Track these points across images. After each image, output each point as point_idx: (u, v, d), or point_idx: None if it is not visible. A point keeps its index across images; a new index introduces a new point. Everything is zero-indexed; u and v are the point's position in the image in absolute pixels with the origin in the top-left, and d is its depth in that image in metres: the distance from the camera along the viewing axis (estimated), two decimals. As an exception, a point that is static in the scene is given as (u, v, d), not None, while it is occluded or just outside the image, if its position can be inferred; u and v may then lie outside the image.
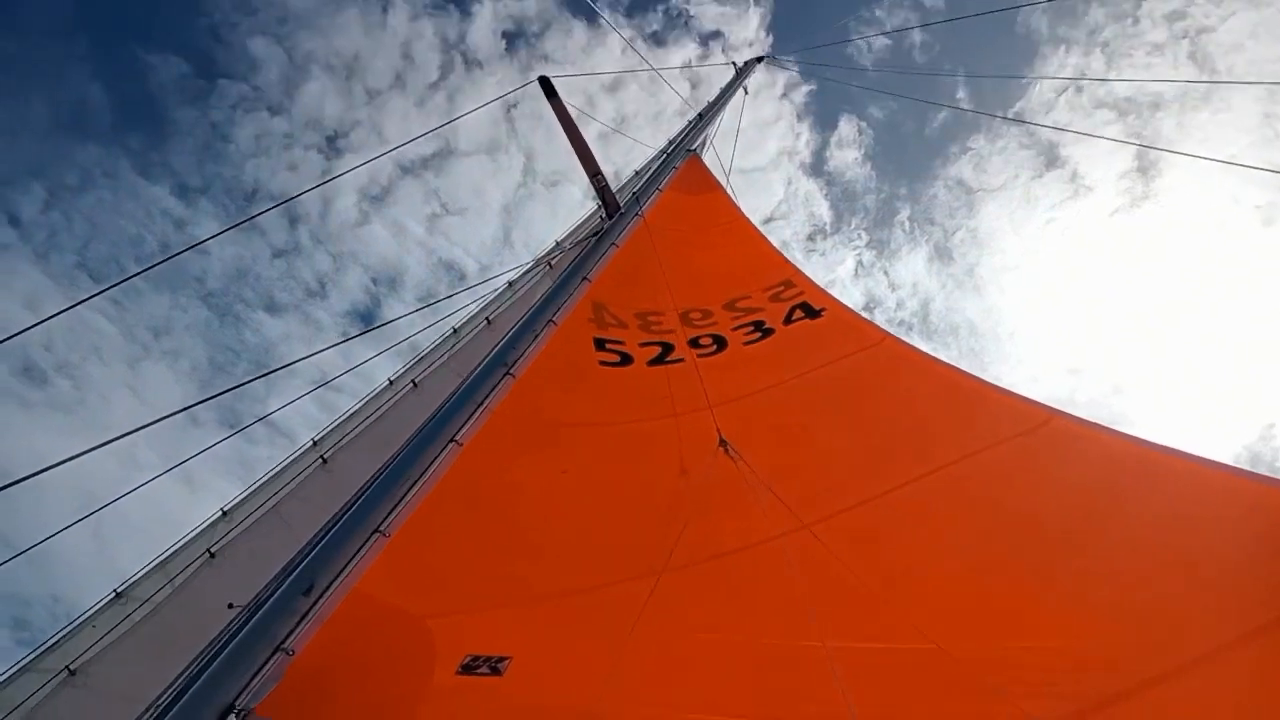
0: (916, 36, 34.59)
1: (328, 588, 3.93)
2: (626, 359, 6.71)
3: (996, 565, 4.21)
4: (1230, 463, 4.10)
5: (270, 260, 34.42)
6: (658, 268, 7.80)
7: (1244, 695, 2.97)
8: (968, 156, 38.56)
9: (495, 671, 3.71)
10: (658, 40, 38.90)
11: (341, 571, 4.03)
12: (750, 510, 4.59)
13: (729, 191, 10.06)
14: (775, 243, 8.34)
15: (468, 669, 3.74)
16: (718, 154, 13.68)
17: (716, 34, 39.70)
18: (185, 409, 4.77)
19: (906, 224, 40.53)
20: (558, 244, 9.49)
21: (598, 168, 9.00)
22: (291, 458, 8.40)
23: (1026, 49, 37.16)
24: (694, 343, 7.04)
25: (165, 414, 4.48)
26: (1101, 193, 35.43)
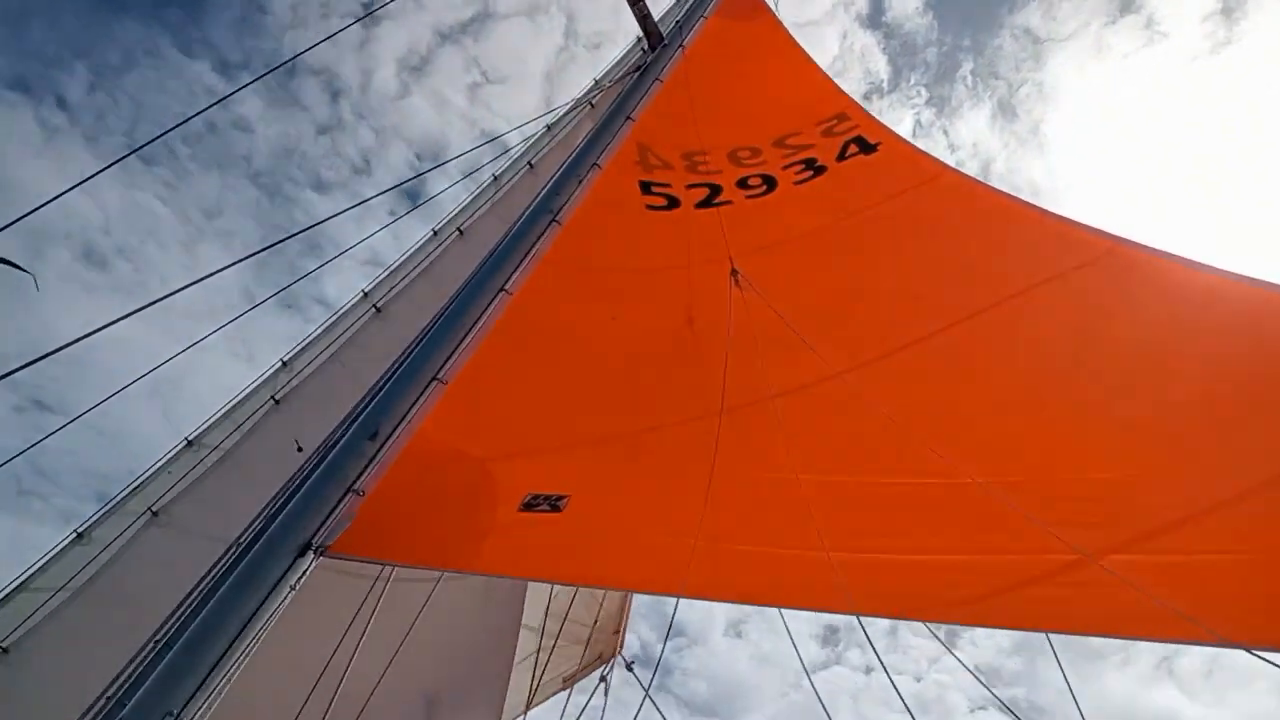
0: None
1: (392, 433, 4.06)
2: (674, 202, 6.53)
3: (1049, 400, 4.18)
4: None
5: (315, 137, 33.82)
6: (703, 104, 7.45)
7: None
8: (1036, 2, 35.36)
9: (555, 508, 3.85)
10: None
11: (404, 417, 4.14)
12: (798, 353, 4.57)
13: (777, 14, 9.41)
14: None
15: (529, 506, 3.88)
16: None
17: None
18: (240, 259, 4.77)
19: (969, 79, 37.77)
20: (596, 82, 9.06)
21: (639, -8, 8.41)
22: (346, 307, 8.52)
23: None
24: (742, 183, 6.81)
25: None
26: (1179, 39, 32.27)
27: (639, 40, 8.80)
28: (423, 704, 7.31)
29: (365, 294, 8.58)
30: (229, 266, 4.71)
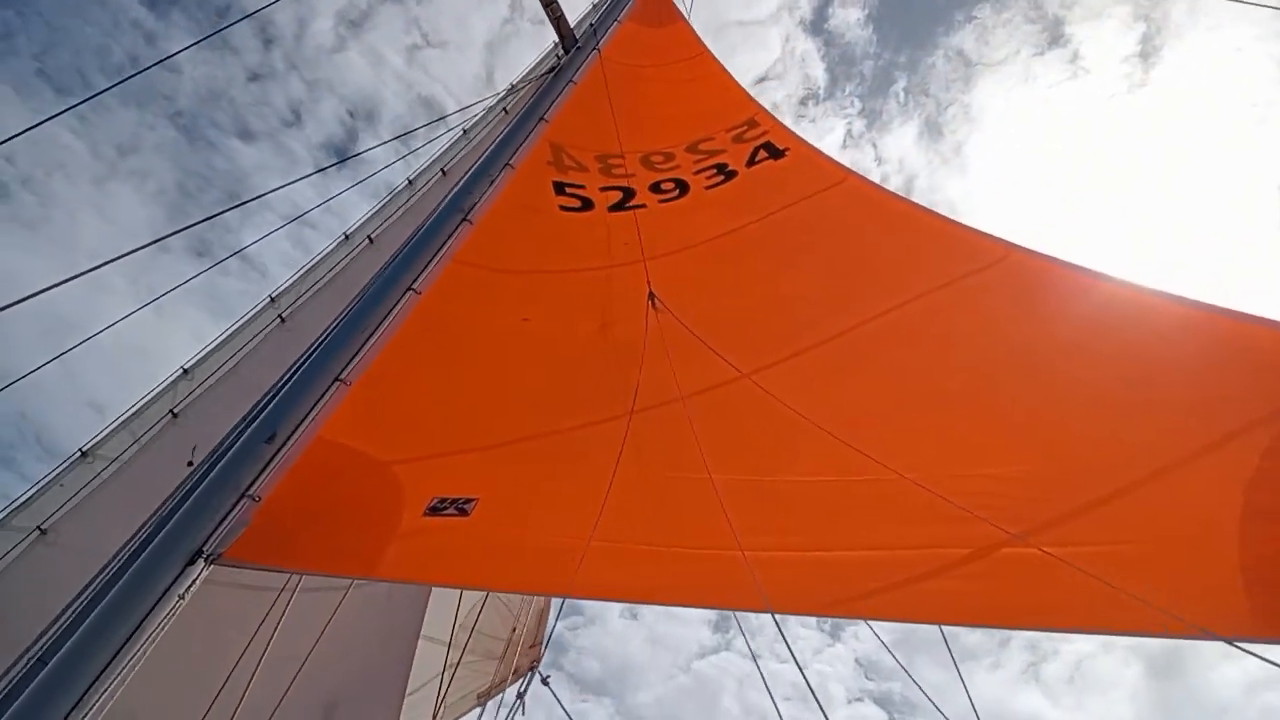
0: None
1: (291, 435, 3.92)
2: (587, 204, 6.52)
3: (955, 399, 4.29)
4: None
5: (245, 84, 32.27)
6: (618, 108, 7.47)
7: (1193, 507, 3.10)
8: (972, 26, 36.72)
9: (462, 512, 3.77)
10: None
11: (304, 419, 4.01)
12: (709, 356, 4.60)
13: (689, 21, 9.54)
14: (766, 105, 7.95)
15: (435, 510, 3.79)
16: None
17: None
18: (158, 240, 4.55)
19: (901, 95, 39.13)
20: (512, 86, 9.00)
21: (550, -8, 8.39)
22: (249, 315, 8.24)
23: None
24: (655, 188, 6.85)
25: (137, 246, 4.27)
26: (1100, 75, 34.19)
27: (555, 45, 8.80)
28: (320, 715, 7.08)
29: (273, 300, 8.31)
30: (156, 241, 4.47)
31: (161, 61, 5.50)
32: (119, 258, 4.27)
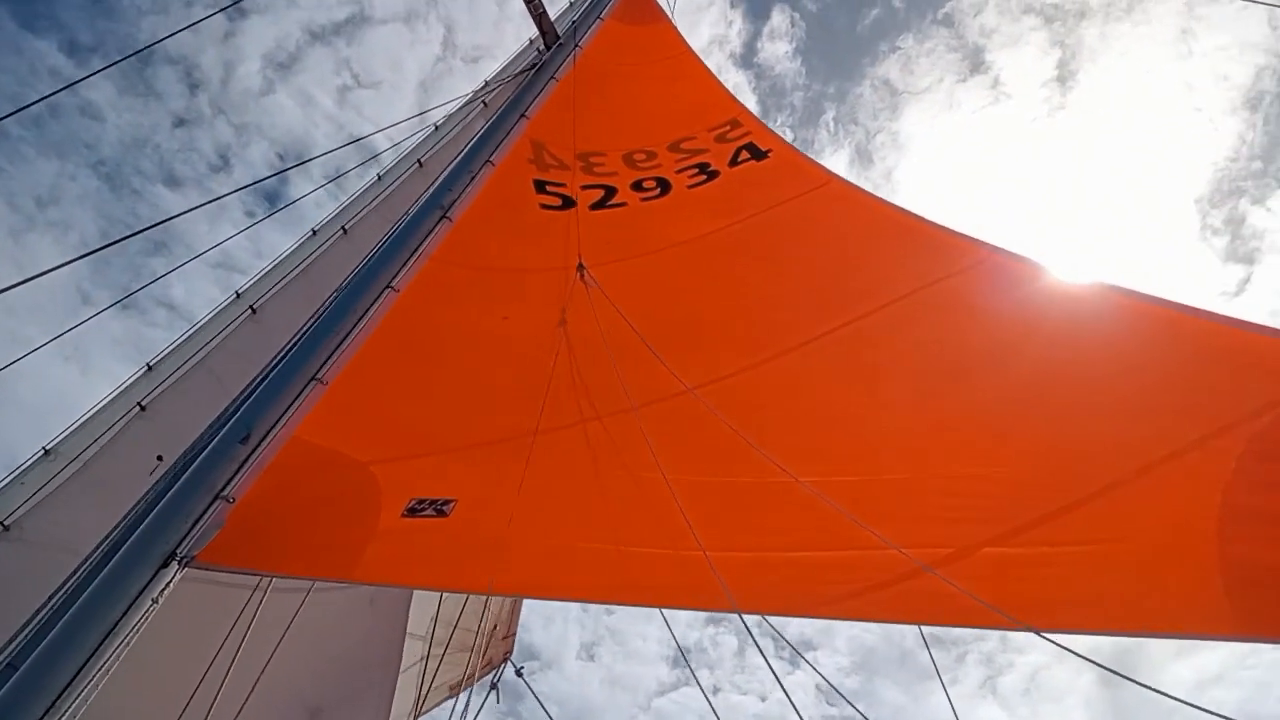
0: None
1: (266, 435, 3.87)
2: (569, 202, 6.49)
3: (935, 399, 4.33)
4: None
5: (170, 130, 31.71)
6: (600, 106, 7.45)
7: (1173, 508, 3.15)
8: (896, 56, 37.63)
9: (441, 513, 3.75)
10: None
11: (280, 419, 3.97)
12: (684, 357, 4.61)
13: (673, 20, 9.52)
14: None
15: (413, 511, 3.76)
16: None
17: None
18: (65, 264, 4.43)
19: (831, 124, 39.77)
20: (487, 83, 8.93)
21: (535, -13, 8.32)
22: (218, 309, 8.09)
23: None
24: (637, 186, 6.83)
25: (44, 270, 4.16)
26: (1020, 100, 35.34)
27: (533, 41, 8.74)
28: (305, 717, 7.01)
29: (239, 295, 8.16)
30: (61, 265, 4.37)
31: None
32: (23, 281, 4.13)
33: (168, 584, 3.23)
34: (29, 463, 6.97)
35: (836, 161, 39.24)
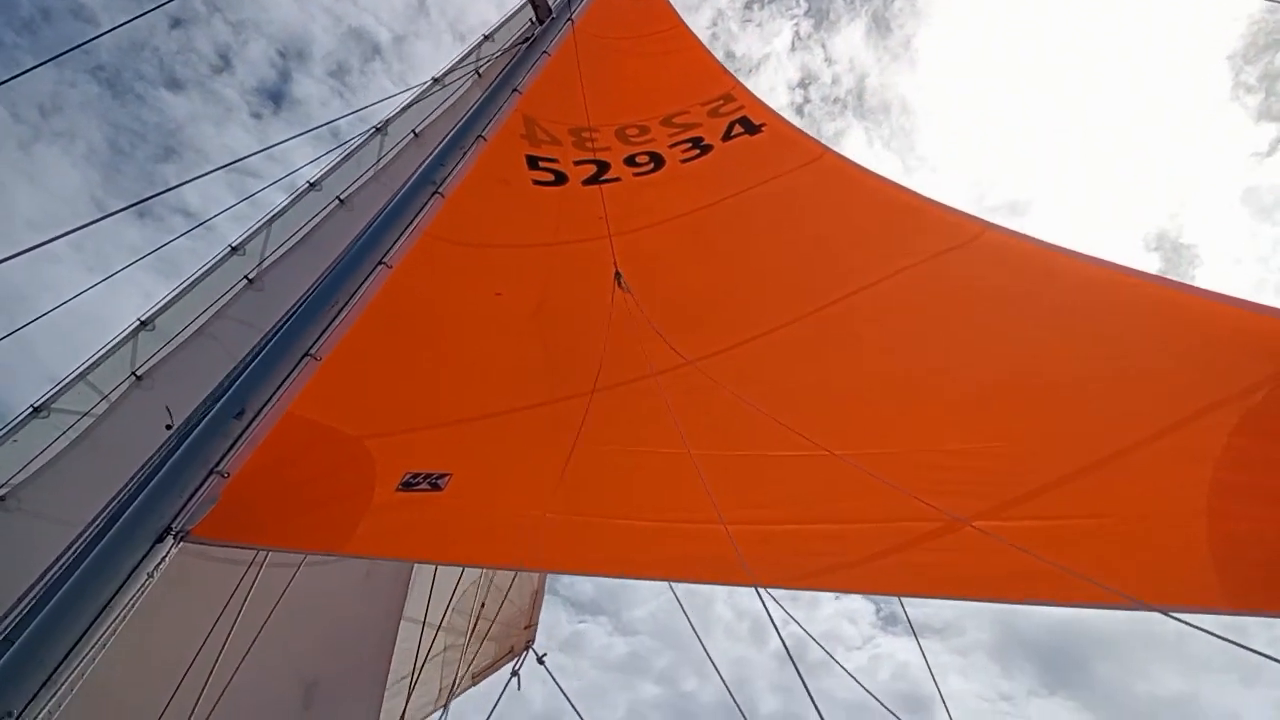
0: None
1: (260, 410, 3.90)
2: (561, 178, 6.48)
3: (927, 376, 4.36)
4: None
5: (167, 31, 31.03)
6: (592, 80, 7.39)
7: (1162, 484, 3.19)
8: None
9: (435, 487, 3.78)
10: None
11: (274, 395, 3.99)
12: (679, 334, 4.63)
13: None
14: (709, 13, 7.90)
15: (408, 486, 3.80)
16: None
17: None
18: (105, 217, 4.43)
19: None
20: (478, 48, 8.83)
21: (527, -40, 8.24)
22: (208, 266, 7.96)
23: None
24: (630, 160, 6.81)
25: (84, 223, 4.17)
26: None
27: (527, 3, 8.64)
28: (301, 691, 7.11)
29: (233, 249, 8.06)
30: (105, 217, 4.38)
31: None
32: (53, 240, 4.16)
33: (163, 558, 3.26)
34: (18, 420, 6.92)
35: (853, 31, 37.30)
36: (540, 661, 8.01)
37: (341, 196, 8.72)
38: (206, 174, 5.14)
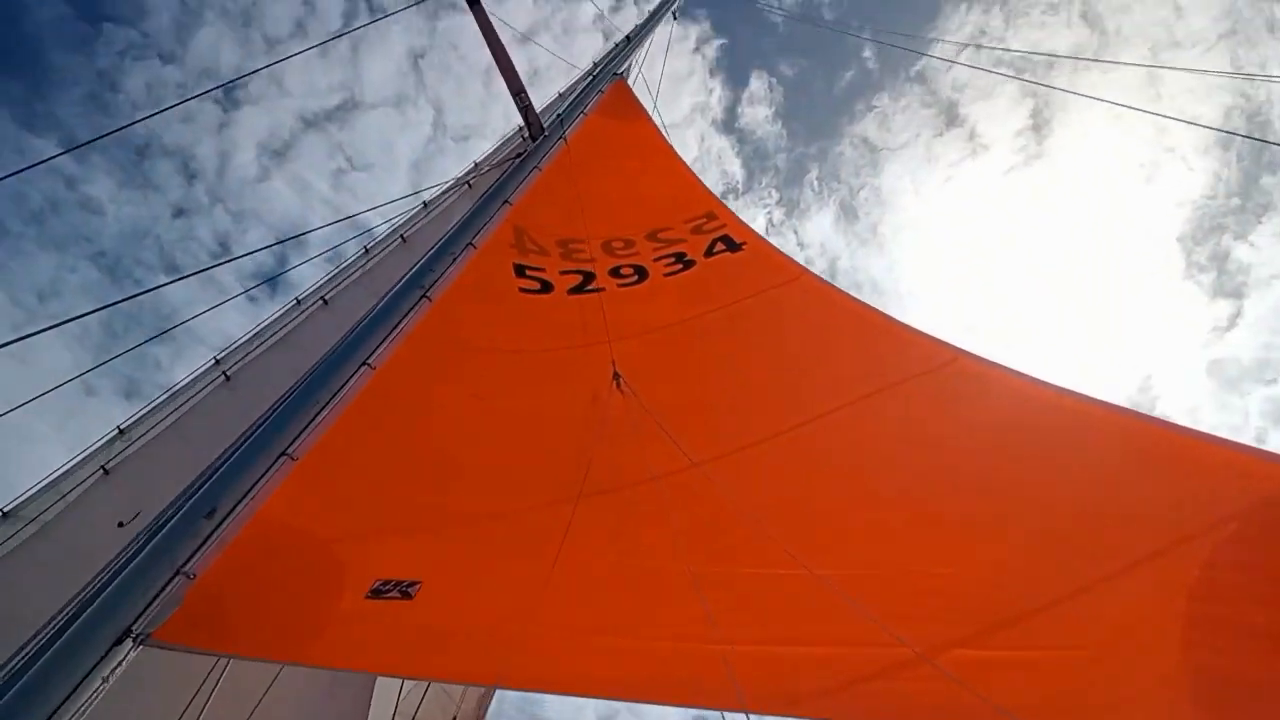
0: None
1: (231, 511, 3.83)
2: (547, 286, 6.62)
3: (901, 499, 4.37)
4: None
5: (169, 220, 32.27)
6: (581, 195, 7.66)
7: (1128, 618, 3.18)
8: (872, 115, 39.59)
9: (405, 595, 3.69)
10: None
11: (246, 494, 3.93)
12: (657, 443, 4.64)
13: (656, 119, 9.90)
14: None
15: (377, 593, 3.71)
16: (646, 82, 13.43)
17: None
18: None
19: (815, 183, 41.55)
20: (476, 164, 9.19)
21: (521, 85, 8.67)
22: (194, 375, 8.06)
23: (929, 6, 37.69)
24: (615, 272, 6.99)
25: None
26: (997, 151, 37.12)
27: (520, 129, 9.03)
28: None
29: (217, 361, 8.16)
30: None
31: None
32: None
33: (120, 663, 3.15)
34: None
35: (823, 217, 40.39)
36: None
37: (326, 297, 8.86)
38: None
